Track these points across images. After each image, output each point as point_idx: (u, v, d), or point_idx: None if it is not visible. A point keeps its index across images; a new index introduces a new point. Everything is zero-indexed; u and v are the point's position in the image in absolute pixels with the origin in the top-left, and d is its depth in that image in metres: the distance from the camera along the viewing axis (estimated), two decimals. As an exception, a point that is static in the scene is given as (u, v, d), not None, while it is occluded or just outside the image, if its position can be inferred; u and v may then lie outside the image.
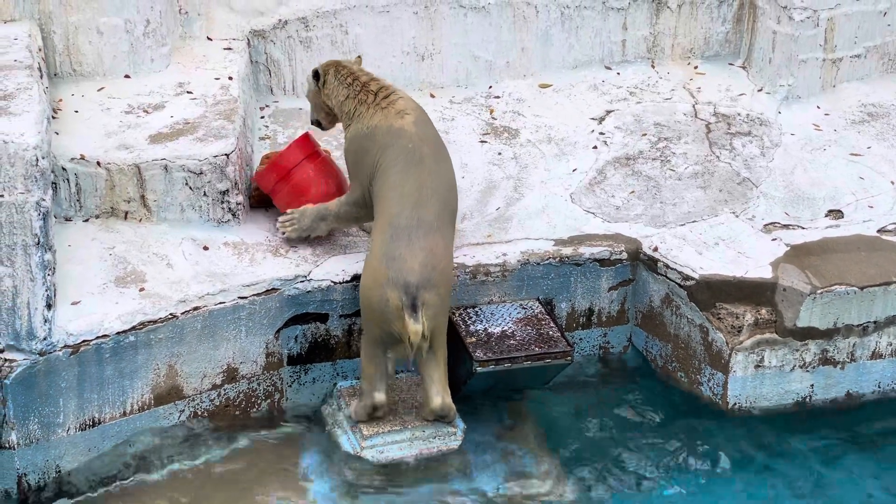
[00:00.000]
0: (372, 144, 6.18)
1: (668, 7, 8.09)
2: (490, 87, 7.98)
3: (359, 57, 6.69)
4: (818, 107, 7.83)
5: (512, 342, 6.25)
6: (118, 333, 5.87)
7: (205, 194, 6.47)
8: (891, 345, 6.44)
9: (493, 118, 7.69)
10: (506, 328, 6.34)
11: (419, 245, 5.87)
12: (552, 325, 6.37)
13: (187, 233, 6.47)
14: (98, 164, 6.42)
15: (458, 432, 6.15)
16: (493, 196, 6.99)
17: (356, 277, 6.27)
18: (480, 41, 7.90)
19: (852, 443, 6.38)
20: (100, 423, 5.96)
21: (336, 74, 6.44)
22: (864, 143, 7.48)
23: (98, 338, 5.84)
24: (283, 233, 6.42)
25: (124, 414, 6.01)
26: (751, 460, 6.29)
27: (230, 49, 7.41)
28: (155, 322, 5.94)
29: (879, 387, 6.53)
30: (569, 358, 6.27)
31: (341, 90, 6.40)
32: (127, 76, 7.12)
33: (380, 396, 6.04)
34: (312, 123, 6.72)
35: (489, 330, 6.32)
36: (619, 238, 6.64)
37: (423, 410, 6.09)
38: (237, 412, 6.28)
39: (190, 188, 6.45)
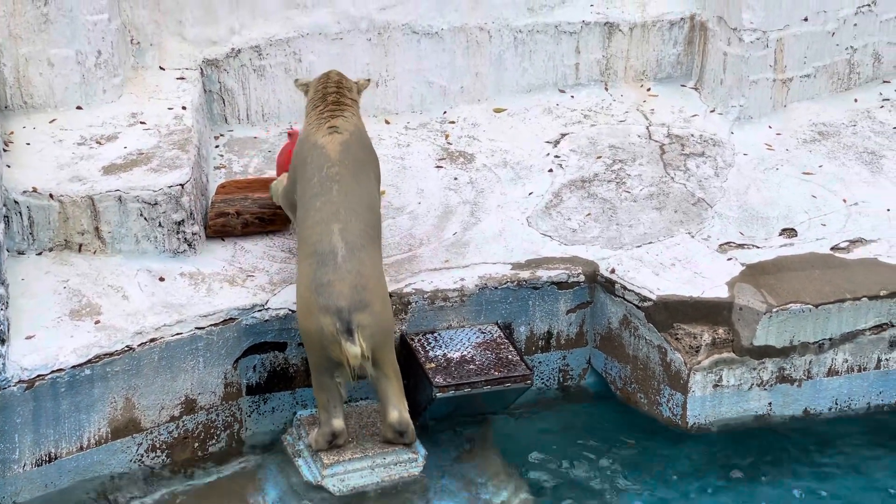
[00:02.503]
0: (301, 152, 6.23)
1: (619, 30, 8.15)
2: (445, 112, 8.01)
3: (367, 80, 6.67)
4: (770, 126, 7.90)
5: (471, 367, 6.25)
6: (74, 367, 5.81)
7: (160, 225, 6.43)
8: (846, 362, 6.49)
9: (448, 143, 7.71)
10: (465, 353, 6.33)
11: (346, 268, 5.83)
12: (511, 349, 6.38)
13: (143, 264, 6.43)
14: (51, 196, 6.37)
15: (419, 458, 6.14)
16: (449, 221, 7.00)
17: (314, 305, 6.25)
18: (434, 67, 7.92)
19: (810, 459, 6.42)
20: (56, 458, 5.89)
21: (321, 79, 6.49)
22: (815, 162, 7.55)
23: (53, 372, 5.78)
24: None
25: (81, 449, 5.95)
26: (711, 479, 6.31)
27: (183, 78, 7.39)
28: (111, 355, 5.89)
29: (836, 403, 6.57)
30: (528, 381, 6.28)
31: (312, 94, 6.47)
32: (79, 107, 7.08)
33: (338, 423, 6.01)
34: None
35: (448, 355, 6.31)
36: (576, 261, 6.66)
37: (382, 427, 6.08)
38: (196, 444, 6.23)
39: (145, 219, 6.42)
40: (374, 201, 6.20)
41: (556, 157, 7.58)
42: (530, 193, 7.24)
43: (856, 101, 8.18)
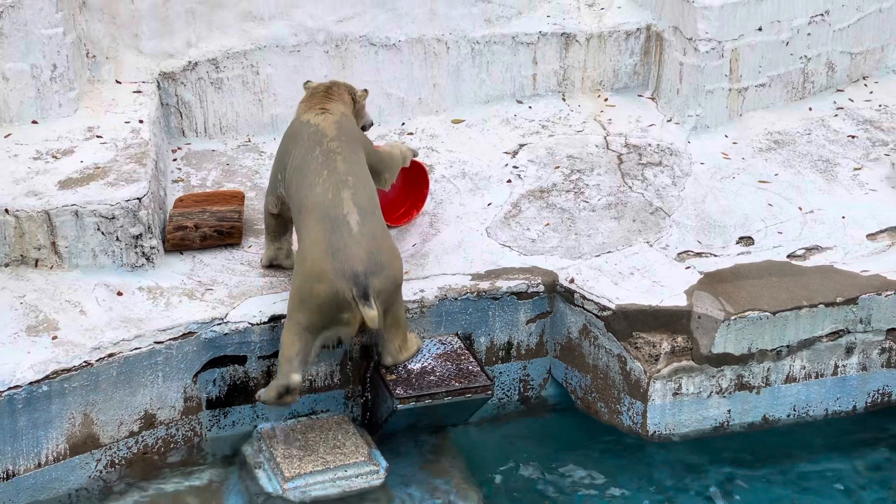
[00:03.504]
0: (292, 133, 6.34)
1: (576, 41, 8.20)
2: (403, 123, 8.01)
3: (365, 91, 6.71)
4: (726, 135, 7.97)
5: (432, 378, 6.25)
6: (31, 383, 5.76)
7: (117, 239, 6.40)
8: (804, 368, 6.54)
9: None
10: (425, 364, 6.33)
11: (360, 232, 5.93)
12: (472, 359, 6.38)
13: (100, 279, 6.39)
14: (6, 211, 6.31)
15: (380, 470, 6.12)
16: (409, 233, 7.00)
17: (274, 318, 6.23)
18: (392, 78, 7.93)
19: (769, 466, 6.46)
20: (14, 475, 5.84)
21: (320, 83, 6.59)
22: (771, 171, 7.62)
23: (10, 388, 5.72)
24: None
25: (39, 465, 5.89)
26: (672, 487, 6.34)
27: (140, 92, 7.36)
28: (69, 370, 5.85)
29: (794, 410, 6.62)
30: (489, 392, 6.28)
31: (306, 95, 6.56)
32: (34, 122, 7.03)
33: (296, 377, 5.98)
34: None
35: (409, 367, 6.31)
36: (535, 271, 6.68)
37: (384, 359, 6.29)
38: (156, 458, 6.19)
39: (102, 233, 6.38)
40: (370, 175, 6.30)
41: (515, 167, 7.60)
42: (489, 204, 7.25)
43: (810, 109, 8.27)
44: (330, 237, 5.92)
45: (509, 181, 7.47)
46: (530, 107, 8.20)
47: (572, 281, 6.60)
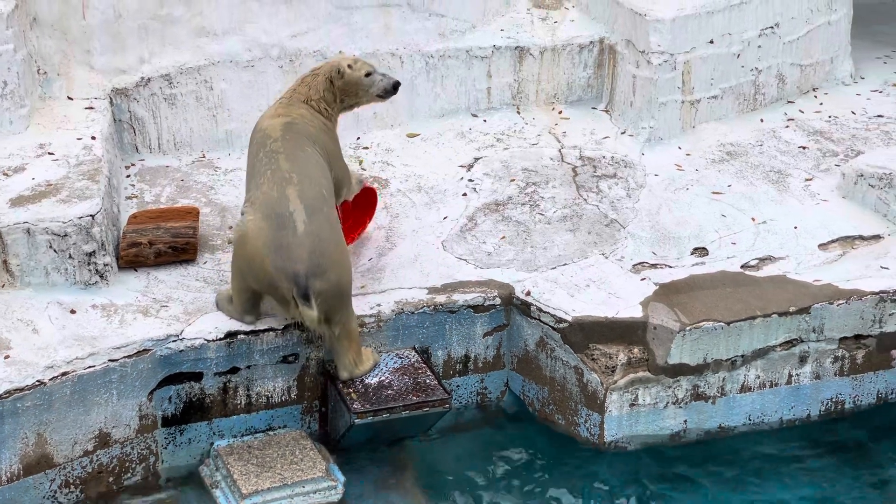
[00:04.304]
0: (250, 140, 6.42)
1: (530, 54, 8.23)
2: (358, 137, 8.01)
3: (351, 63, 6.58)
4: (680, 147, 8.02)
5: (389, 392, 6.24)
6: (-17, 403, 5.70)
7: (70, 257, 6.34)
8: (759, 378, 6.58)
9: (362, 169, 7.71)
10: (383, 378, 6.32)
11: (305, 231, 5.94)
12: (429, 373, 6.38)
13: (53, 296, 6.33)
14: (-43, 229, 6.25)
15: (338, 485, 6.10)
16: (365, 247, 6.99)
17: (230, 335, 6.20)
18: (347, 93, 7.93)
19: (726, 475, 6.49)
20: (-33, 497, 5.77)
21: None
22: (724, 182, 7.68)
23: (-38, 409, 5.67)
24: None
25: (-8, 486, 5.83)
26: (629, 497, 6.36)
27: (92, 108, 7.31)
28: (21, 390, 5.78)
29: (749, 419, 6.66)
30: (447, 405, 6.28)
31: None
32: (-15, 139, 6.97)
33: (249, 319, 6.24)
34: None
35: (366, 381, 6.30)
36: (491, 284, 6.69)
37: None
38: (111, 478, 6.13)
39: (55, 251, 6.32)
40: (325, 169, 6.29)
41: (470, 180, 7.61)
42: (445, 218, 7.26)
43: (762, 121, 8.34)
44: (275, 233, 5.94)
45: (465, 195, 7.48)
46: (485, 120, 8.22)
47: (528, 294, 6.61)
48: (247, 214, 6.08)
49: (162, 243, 6.65)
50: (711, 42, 8.05)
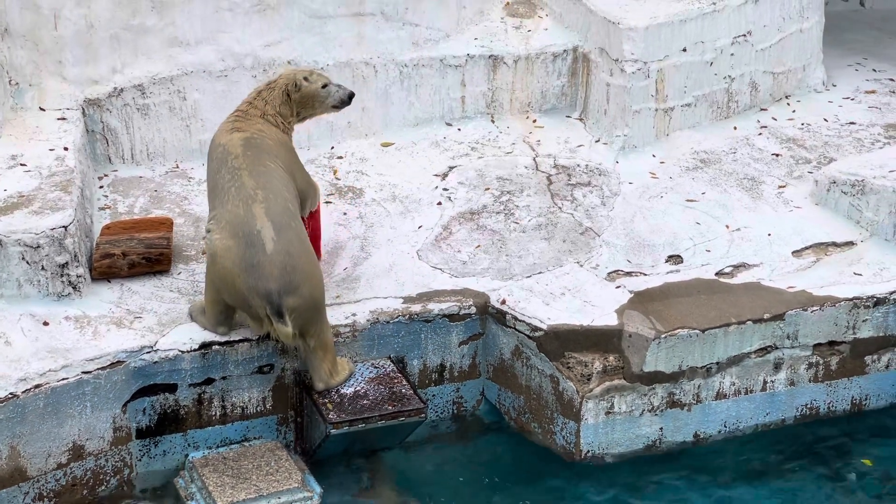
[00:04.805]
0: (208, 158, 6.39)
1: (504, 63, 8.24)
2: (332, 147, 8.00)
3: (308, 75, 6.57)
4: (654, 155, 8.05)
5: (365, 402, 6.22)
6: (-45, 417, 5.66)
7: (43, 268, 6.30)
8: (734, 385, 6.60)
9: (336, 178, 7.70)
10: (358, 388, 6.31)
11: (275, 249, 5.92)
12: (405, 382, 6.37)
13: (26, 308, 6.29)
14: (-72, 241, 6.21)
15: (314, 496, 6.08)
16: (339, 256, 6.98)
17: (204, 346, 6.18)
18: (321, 102, 7.92)
19: (701, 481, 6.50)
20: (-61, 511, 5.73)
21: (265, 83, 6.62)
22: (698, 189, 7.70)
23: (-66, 423, 5.62)
24: None
25: (-35, 500, 5.78)
26: (607, 506, 6.38)
27: (64, 119, 7.28)
28: (-6, 403, 5.75)
29: (725, 426, 6.68)
30: (423, 415, 6.27)
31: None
32: (-43, 150, 6.92)
33: (222, 330, 6.22)
34: None
35: (342, 391, 6.28)
36: (467, 293, 6.69)
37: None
38: (85, 491, 6.09)
39: (27, 263, 6.28)
40: (289, 182, 6.28)
41: (445, 189, 7.61)
42: (420, 227, 7.26)
43: (735, 128, 8.38)
44: (244, 252, 5.92)
45: (439, 203, 7.48)
46: (459, 129, 8.23)
47: (504, 302, 6.61)
48: (213, 232, 6.04)
49: (136, 254, 6.62)
50: (684, 50, 8.08)
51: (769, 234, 7.25)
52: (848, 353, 6.74)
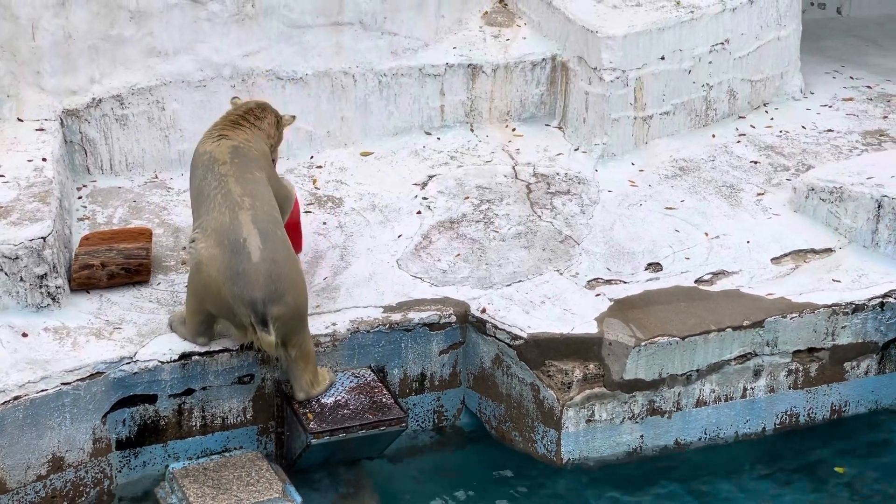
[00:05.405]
0: (193, 163, 6.38)
1: (483, 72, 8.26)
2: (312, 157, 8.00)
3: (292, 116, 6.81)
4: (633, 163, 8.07)
5: (346, 412, 6.22)
6: (-67, 429, 5.63)
7: (21, 279, 6.28)
8: (714, 392, 6.62)
9: (316, 188, 7.69)
10: (339, 398, 6.30)
11: (261, 257, 5.91)
12: (385, 392, 6.36)
13: (4, 320, 6.26)
14: None
15: (295, 507, 6.08)
16: (319, 266, 6.97)
17: (184, 356, 6.16)
18: (300, 112, 7.90)
19: (682, 489, 6.51)
20: (-83, 525, 5.69)
21: (239, 105, 6.66)
22: (677, 197, 7.73)
23: (-88, 435, 5.59)
24: None
25: (-57, 513, 5.75)
26: (588, 514, 6.38)
27: (42, 129, 7.25)
28: (-27, 415, 5.72)
29: (706, 433, 6.69)
30: (403, 424, 6.27)
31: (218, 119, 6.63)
32: (-66, 161, 6.89)
33: (202, 341, 6.21)
34: None
35: (322, 401, 6.27)
36: (447, 301, 6.69)
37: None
38: (65, 503, 6.06)
39: (6, 274, 6.25)
40: (270, 191, 6.29)
41: (424, 198, 7.62)
42: (399, 236, 7.26)
43: (714, 136, 8.41)
44: (230, 260, 5.91)
45: (419, 213, 7.48)
46: (439, 138, 8.23)
47: (484, 311, 6.62)
48: (198, 241, 6.03)
49: (115, 265, 6.60)
50: (663, 58, 8.11)
51: (748, 242, 7.27)
52: (827, 359, 6.76)
